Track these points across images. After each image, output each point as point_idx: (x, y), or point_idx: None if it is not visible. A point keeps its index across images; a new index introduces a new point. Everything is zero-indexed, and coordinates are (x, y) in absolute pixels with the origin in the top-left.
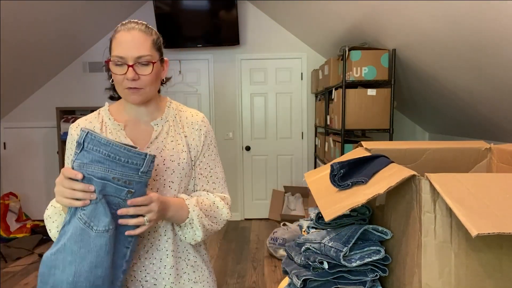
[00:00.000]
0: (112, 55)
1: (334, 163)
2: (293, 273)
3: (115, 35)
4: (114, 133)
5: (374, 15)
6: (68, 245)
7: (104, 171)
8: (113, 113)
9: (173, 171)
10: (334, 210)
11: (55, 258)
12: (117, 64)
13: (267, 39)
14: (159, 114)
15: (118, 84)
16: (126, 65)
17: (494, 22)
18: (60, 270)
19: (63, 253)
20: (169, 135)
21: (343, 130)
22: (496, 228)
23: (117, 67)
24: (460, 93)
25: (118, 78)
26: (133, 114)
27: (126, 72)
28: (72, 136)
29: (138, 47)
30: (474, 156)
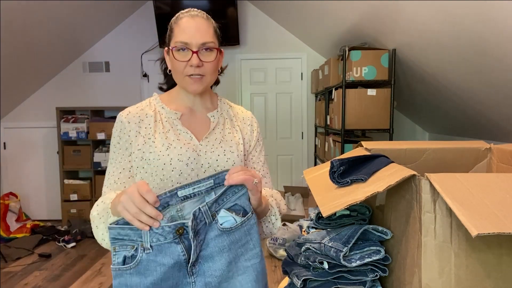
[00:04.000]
0: (175, 41)
1: (334, 160)
2: (293, 273)
3: (177, 22)
4: (170, 122)
5: (374, 15)
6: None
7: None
8: (166, 103)
9: (234, 162)
10: (332, 206)
11: None
12: (180, 50)
13: (267, 39)
14: (213, 107)
15: (179, 72)
16: (190, 51)
17: (494, 22)
18: None
19: None
20: (225, 127)
21: (343, 130)
22: (496, 228)
23: (180, 54)
24: (460, 93)
25: (180, 65)
26: (188, 104)
27: (190, 59)
28: (123, 124)
29: (203, 33)
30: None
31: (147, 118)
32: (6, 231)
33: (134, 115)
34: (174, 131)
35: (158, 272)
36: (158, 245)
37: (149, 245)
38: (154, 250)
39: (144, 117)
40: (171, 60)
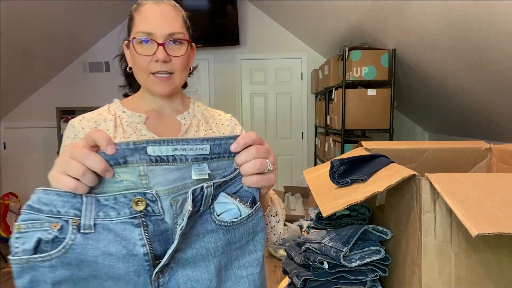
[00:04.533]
0: (136, 31)
1: (334, 160)
2: (293, 273)
3: (138, 8)
4: (133, 126)
5: (374, 15)
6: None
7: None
8: (128, 107)
9: None
10: (332, 206)
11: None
12: (142, 42)
13: (267, 39)
14: (184, 109)
15: (142, 70)
16: (155, 44)
17: (494, 22)
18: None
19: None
20: (200, 129)
21: (343, 130)
22: (496, 228)
23: (143, 47)
24: (460, 93)
25: (143, 61)
26: (155, 107)
27: (154, 53)
28: (76, 129)
29: (170, 22)
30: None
31: (105, 123)
32: (6, 231)
33: (89, 120)
34: (138, 136)
35: (100, 265)
36: (104, 223)
37: (92, 221)
38: (97, 231)
39: (101, 121)
40: (132, 54)
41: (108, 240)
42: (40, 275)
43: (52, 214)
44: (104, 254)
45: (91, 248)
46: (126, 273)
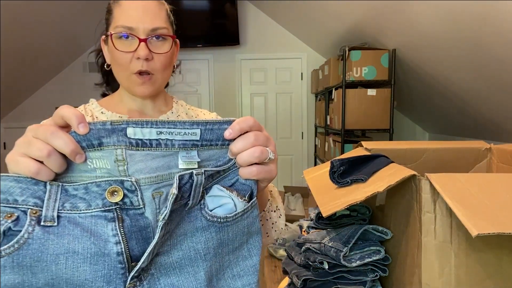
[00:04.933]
0: (116, 25)
1: (334, 160)
2: (293, 273)
3: (118, 1)
4: None
5: (374, 15)
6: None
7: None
8: (106, 107)
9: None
10: (332, 206)
11: None
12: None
13: (267, 39)
14: (167, 109)
15: (122, 68)
16: (137, 40)
17: (494, 22)
18: None
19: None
20: None
21: (343, 130)
22: (496, 228)
23: (123, 42)
24: (460, 93)
25: (123, 58)
26: (135, 106)
27: (136, 49)
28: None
29: (153, 16)
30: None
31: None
32: None
33: None
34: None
35: (61, 267)
36: (70, 216)
37: (55, 213)
38: (61, 225)
39: None
40: (111, 51)
41: (73, 236)
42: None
43: (7, 203)
44: (68, 252)
45: (51, 244)
46: (93, 278)
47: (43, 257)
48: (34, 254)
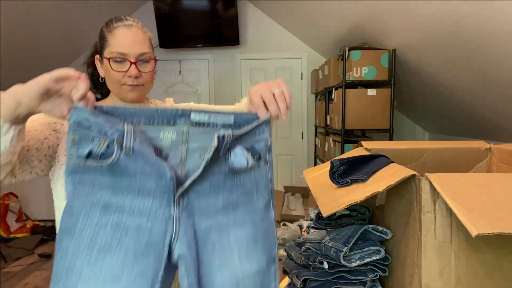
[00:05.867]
0: (111, 51)
1: (334, 160)
2: (293, 273)
3: (112, 31)
4: None
5: (374, 15)
6: None
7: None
8: None
9: None
10: (332, 206)
11: None
12: (117, 61)
13: (267, 39)
14: None
15: (116, 82)
16: (128, 62)
17: (494, 22)
18: None
19: None
20: None
21: (343, 130)
22: (496, 228)
23: (117, 64)
24: (460, 93)
25: (117, 76)
26: None
27: (128, 70)
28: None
29: (140, 44)
30: (474, 156)
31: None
32: (6, 231)
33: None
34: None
35: (138, 179)
36: (141, 149)
37: (131, 145)
38: (135, 154)
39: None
40: (106, 69)
41: (144, 162)
42: (89, 178)
43: (101, 133)
44: (141, 172)
45: (131, 165)
46: (155, 189)
47: (126, 172)
48: (121, 169)
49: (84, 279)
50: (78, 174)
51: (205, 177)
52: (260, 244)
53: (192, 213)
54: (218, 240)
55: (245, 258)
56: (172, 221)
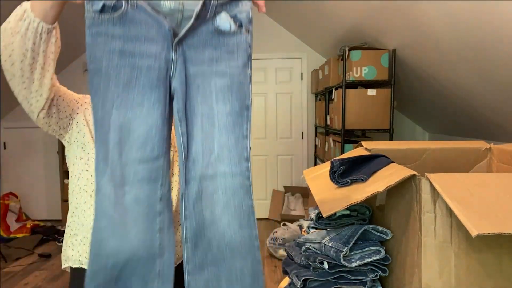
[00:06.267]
0: None
1: (334, 160)
2: (293, 273)
3: None
4: None
5: (374, 15)
6: None
7: None
8: None
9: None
10: (332, 206)
11: None
12: None
13: (267, 39)
14: None
15: None
16: None
17: (494, 22)
18: None
19: None
20: None
21: (343, 130)
22: (496, 228)
23: None
24: (460, 93)
25: None
26: None
27: None
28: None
29: None
30: (474, 156)
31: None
32: (6, 231)
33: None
34: None
35: (143, 28)
36: (143, 6)
37: (136, 1)
38: (138, 9)
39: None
40: None
41: (146, 15)
42: (104, 29)
43: None
44: (145, 23)
45: (137, 16)
46: (157, 36)
47: (134, 21)
48: (130, 19)
49: (117, 107)
50: (94, 27)
51: (195, 34)
52: (235, 92)
53: (184, 60)
54: (202, 84)
55: (221, 100)
56: (171, 63)
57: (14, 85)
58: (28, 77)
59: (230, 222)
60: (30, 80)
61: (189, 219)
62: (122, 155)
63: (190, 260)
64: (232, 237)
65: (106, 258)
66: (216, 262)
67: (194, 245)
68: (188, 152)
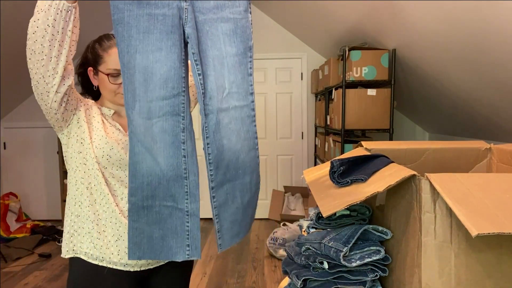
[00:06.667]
0: (108, 67)
1: (334, 160)
2: (293, 273)
3: (106, 50)
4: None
5: (374, 15)
6: None
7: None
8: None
9: None
10: (332, 206)
11: None
12: (113, 76)
13: (267, 39)
14: None
15: (111, 91)
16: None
17: (494, 22)
18: None
19: None
20: None
21: (343, 130)
22: (496, 228)
23: (113, 78)
24: (460, 93)
25: (113, 87)
26: (114, 109)
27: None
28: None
29: None
30: (474, 156)
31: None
32: (6, 231)
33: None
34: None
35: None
36: None
37: None
38: None
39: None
40: (102, 81)
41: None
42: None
43: None
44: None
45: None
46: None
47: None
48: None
49: (139, 51)
50: None
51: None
52: (239, 35)
53: (194, 9)
54: (210, 29)
55: (228, 43)
56: (183, 11)
57: (33, 63)
58: (46, 54)
59: (243, 146)
60: (48, 57)
61: (211, 146)
62: (147, 93)
63: (214, 179)
64: (244, 158)
65: (142, 177)
66: (232, 178)
67: (216, 167)
68: (205, 90)
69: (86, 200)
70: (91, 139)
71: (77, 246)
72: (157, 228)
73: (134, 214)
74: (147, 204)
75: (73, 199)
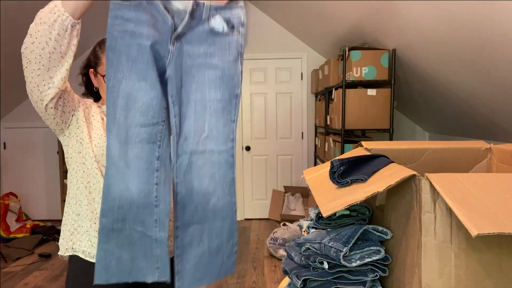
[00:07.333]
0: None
1: (334, 160)
2: (293, 273)
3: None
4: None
5: (374, 15)
6: None
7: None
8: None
9: None
10: (332, 206)
11: None
12: None
13: (267, 39)
14: None
15: None
16: None
17: (494, 22)
18: None
19: None
20: None
21: (343, 130)
22: (496, 228)
23: None
24: (460, 93)
25: None
26: None
27: None
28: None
29: None
30: (474, 156)
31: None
32: (6, 231)
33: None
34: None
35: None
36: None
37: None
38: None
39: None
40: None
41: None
42: (121, 13)
43: None
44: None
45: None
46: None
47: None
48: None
49: (126, 77)
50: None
51: (193, 33)
52: (225, 83)
53: (181, 53)
54: (196, 74)
55: (213, 89)
56: (168, 52)
57: (28, 71)
58: (44, 64)
59: (216, 190)
60: (45, 68)
61: (179, 186)
62: (127, 119)
63: (179, 218)
64: (216, 202)
65: (113, 200)
66: (200, 221)
67: (183, 207)
68: (181, 131)
69: (85, 199)
70: (90, 138)
71: (76, 245)
72: (127, 250)
73: (104, 236)
74: (117, 227)
75: (74, 198)
